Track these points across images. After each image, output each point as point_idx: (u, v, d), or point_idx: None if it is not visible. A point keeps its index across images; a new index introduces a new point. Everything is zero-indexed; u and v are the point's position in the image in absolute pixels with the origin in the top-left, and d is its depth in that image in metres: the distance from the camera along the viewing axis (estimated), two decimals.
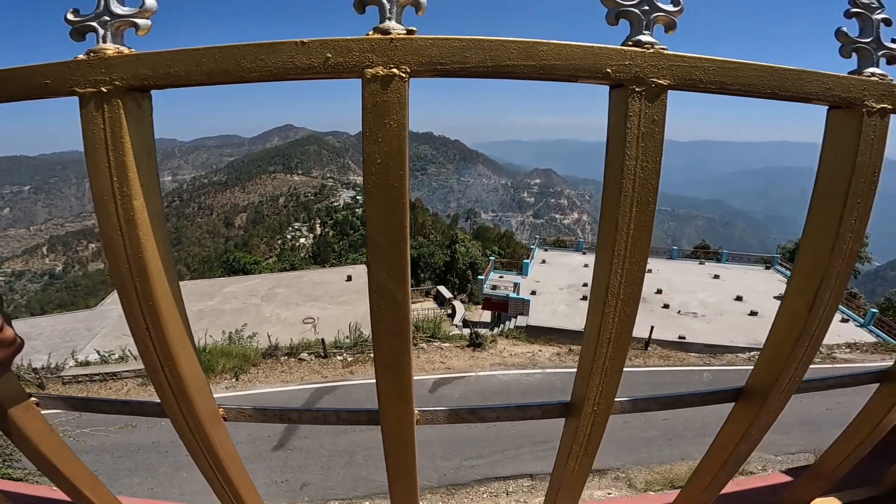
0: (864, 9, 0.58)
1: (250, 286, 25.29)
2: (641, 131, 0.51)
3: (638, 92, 0.51)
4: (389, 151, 0.49)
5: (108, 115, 0.48)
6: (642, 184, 0.53)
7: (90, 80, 0.47)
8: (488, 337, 16.58)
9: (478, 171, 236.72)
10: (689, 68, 0.51)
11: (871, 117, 0.58)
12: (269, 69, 0.46)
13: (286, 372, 14.85)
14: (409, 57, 0.46)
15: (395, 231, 0.52)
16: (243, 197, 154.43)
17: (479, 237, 60.81)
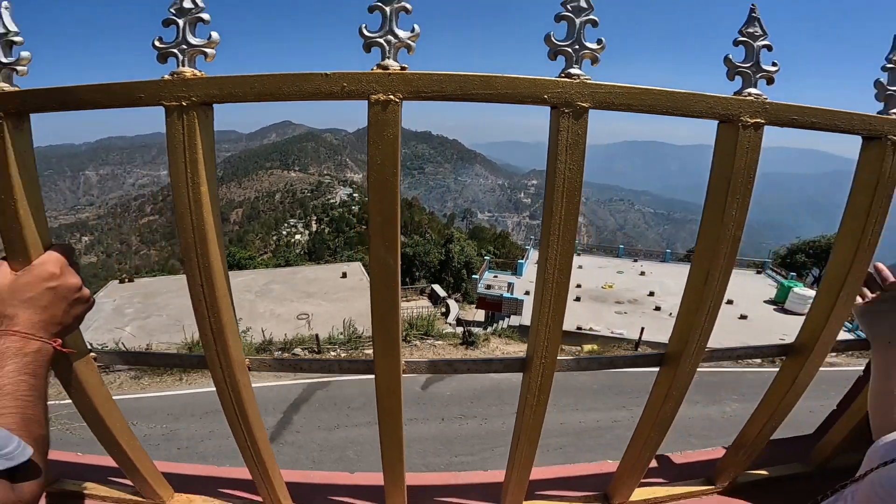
0: (748, 37, 0.73)
1: (244, 281, 25.35)
2: (569, 142, 0.69)
3: (566, 112, 0.67)
4: (386, 153, 0.66)
5: (186, 124, 0.65)
6: (569, 181, 0.71)
7: (174, 95, 0.64)
8: (481, 336, 16.76)
9: (475, 171, 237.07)
10: (604, 94, 0.69)
11: (746, 130, 0.74)
12: (302, 93, 0.63)
13: None
14: (402, 87, 0.64)
15: (389, 211, 0.70)
16: (239, 192, 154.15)
17: (475, 237, 61.06)
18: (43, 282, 0.71)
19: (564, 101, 0.67)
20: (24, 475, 0.61)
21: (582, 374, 14.11)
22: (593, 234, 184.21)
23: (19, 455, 0.58)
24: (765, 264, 29.36)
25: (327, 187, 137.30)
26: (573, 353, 16.46)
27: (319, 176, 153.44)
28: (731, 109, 0.72)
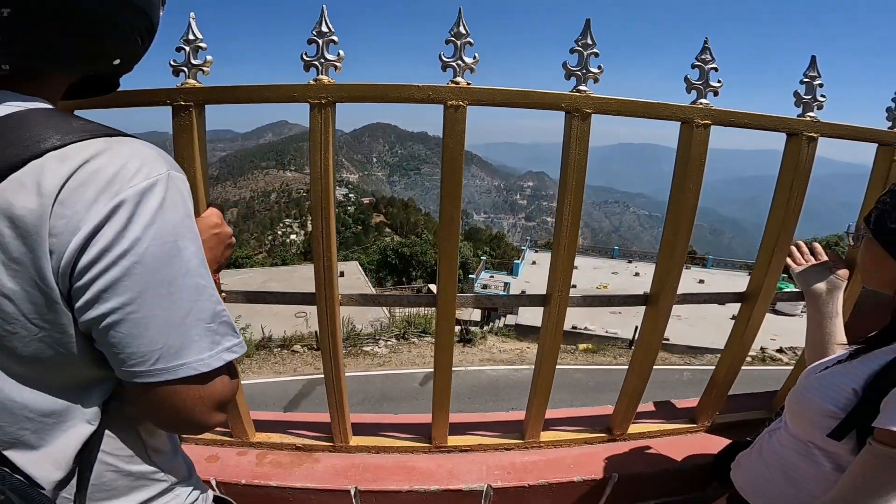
0: (702, 63, 1.04)
1: (242, 279, 25.47)
2: (577, 136, 1.01)
3: (576, 115, 0.99)
4: (456, 139, 0.97)
5: (323, 117, 0.95)
6: (577, 164, 1.02)
7: (317, 95, 0.92)
8: (478, 334, 16.88)
9: (472, 172, 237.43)
10: (602, 103, 1.00)
11: (698, 129, 1.04)
12: (405, 98, 0.92)
13: (279, 363, 14.85)
14: (468, 97, 0.94)
15: (455, 180, 1.00)
16: (234, 192, 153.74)
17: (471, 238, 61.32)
18: (210, 229, 0.86)
19: (575, 109, 0.99)
20: (234, 370, 0.69)
21: (577, 372, 14.33)
22: (589, 237, 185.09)
23: (238, 350, 0.66)
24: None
25: None
26: (569, 350, 16.72)
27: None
28: (688, 115, 1.04)
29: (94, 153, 0.54)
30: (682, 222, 1.11)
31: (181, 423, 0.64)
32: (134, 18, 0.61)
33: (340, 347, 1.21)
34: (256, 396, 12.87)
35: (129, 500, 0.68)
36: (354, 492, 1.22)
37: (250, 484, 1.21)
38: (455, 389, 5.04)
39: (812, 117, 1.10)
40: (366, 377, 14.75)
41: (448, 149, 0.98)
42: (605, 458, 1.38)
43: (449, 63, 0.95)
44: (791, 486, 0.93)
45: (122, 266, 0.54)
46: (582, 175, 1.02)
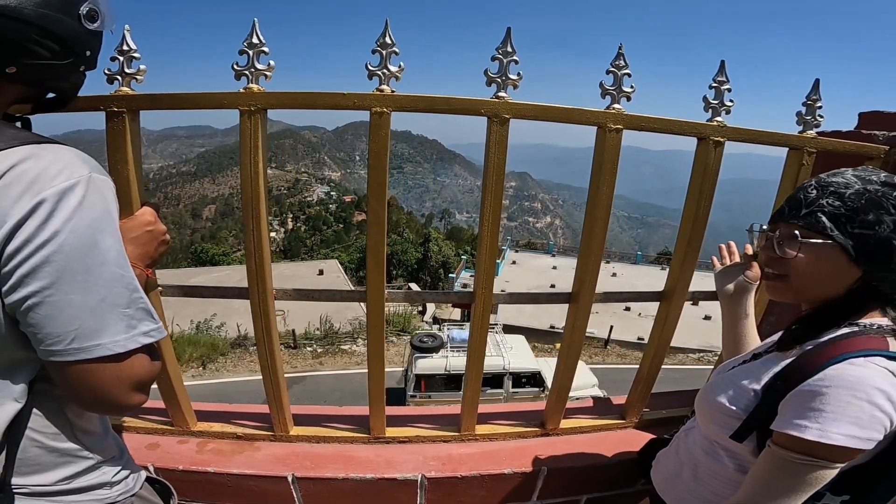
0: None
1: (219, 277, 25.17)
2: (496, 140, 1.07)
3: (495, 121, 1.05)
4: (380, 143, 1.03)
5: (252, 124, 1.01)
6: (496, 172, 1.09)
7: (247, 103, 0.97)
8: None
9: (454, 171, 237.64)
10: (520, 109, 1.06)
11: (610, 133, 1.13)
12: (330, 105, 0.99)
13: (255, 362, 14.72)
14: (391, 104, 1.00)
15: (380, 179, 1.07)
16: (213, 189, 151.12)
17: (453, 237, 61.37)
18: (143, 226, 0.91)
19: (494, 114, 1.06)
20: (155, 353, 0.76)
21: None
22: (570, 237, 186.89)
23: (156, 334, 0.73)
24: None
25: (304, 185, 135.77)
26: (546, 350, 16.92)
27: (297, 174, 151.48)
28: (601, 119, 1.12)
29: (21, 158, 0.62)
30: (596, 224, 1.19)
31: (100, 402, 0.70)
32: (23, 31, 0.65)
33: (276, 340, 1.26)
34: (231, 395, 12.81)
35: (54, 475, 0.74)
36: (292, 478, 1.27)
37: (188, 470, 1.25)
38: None
39: (719, 122, 1.18)
40: (343, 375, 14.78)
41: (373, 153, 1.04)
42: (536, 451, 1.43)
43: (374, 72, 1.01)
44: (698, 485, 0.94)
45: (42, 254, 0.61)
46: (501, 178, 1.09)
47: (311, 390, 13.68)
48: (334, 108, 1.00)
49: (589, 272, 1.26)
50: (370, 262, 1.16)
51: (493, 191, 1.11)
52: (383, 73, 1.00)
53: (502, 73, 1.05)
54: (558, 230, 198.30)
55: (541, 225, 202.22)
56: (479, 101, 1.04)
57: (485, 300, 1.23)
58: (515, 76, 1.06)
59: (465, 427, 1.46)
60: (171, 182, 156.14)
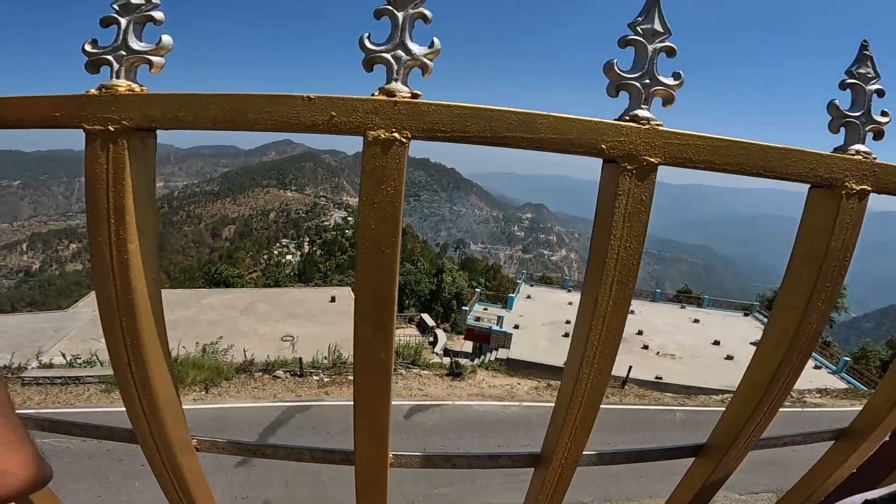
0: (859, 79, 0.58)
1: (230, 299, 24.87)
2: (628, 211, 0.52)
3: (629, 170, 0.52)
4: (383, 218, 0.50)
5: (113, 156, 0.48)
6: (624, 264, 0.54)
7: (99, 116, 0.47)
8: (468, 367, 16.49)
9: (471, 201, 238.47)
10: (680, 146, 0.53)
11: (850, 199, 0.59)
12: (274, 121, 0.47)
13: (259, 388, 14.62)
14: (411, 121, 0.48)
15: (384, 293, 0.53)
16: (234, 209, 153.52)
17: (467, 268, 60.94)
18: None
19: (627, 154, 0.50)
20: None
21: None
22: (582, 270, 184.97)
23: None
24: (752, 307, 29.73)
25: (322, 209, 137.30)
26: (556, 387, 16.18)
27: (315, 197, 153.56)
28: (836, 172, 0.56)
29: None
30: (793, 350, 0.63)
31: None
32: None
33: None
34: (232, 420, 12.44)
35: None
36: None
37: None
38: (441, 424, 4.55)
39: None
40: (349, 407, 14.25)
41: (368, 228, 0.53)
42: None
43: (378, 54, 0.48)
44: None
45: None
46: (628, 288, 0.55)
47: (315, 420, 13.22)
48: (290, 129, 0.47)
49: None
50: None
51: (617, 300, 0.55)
52: (396, 55, 0.47)
53: (646, 68, 0.52)
54: (573, 264, 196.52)
55: (556, 258, 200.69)
56: (597, 125, 0.50)
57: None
58: (672, 79, 0.52)
59: None
60: (194, 200, 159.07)
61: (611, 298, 0.56)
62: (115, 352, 0.59)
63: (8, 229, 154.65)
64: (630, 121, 0.52)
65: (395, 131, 0.48)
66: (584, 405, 0.68)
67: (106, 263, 0.52)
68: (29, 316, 22.86)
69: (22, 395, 12.11)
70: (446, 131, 0.48)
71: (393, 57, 0.48)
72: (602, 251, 0.54)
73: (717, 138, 0.53)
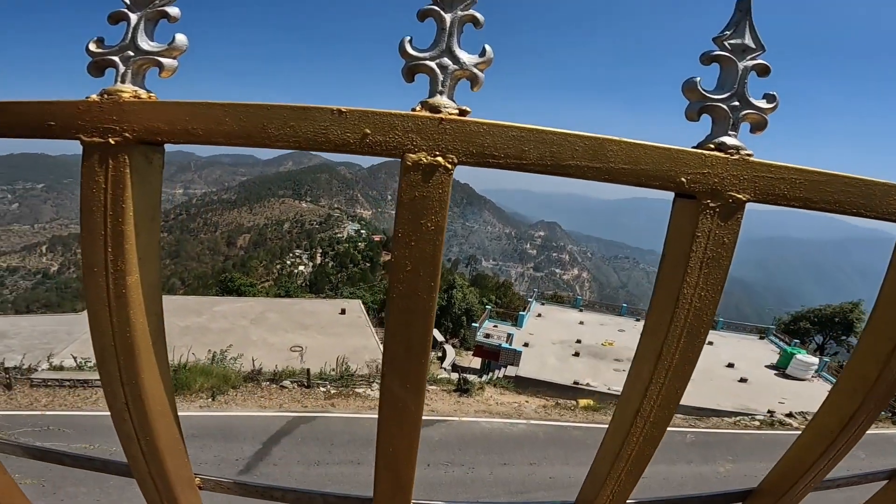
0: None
1: (241, 308, 25.01)
2: (708, 255, 0.43)
3: (712, 207, 0.44)
4: (422, 258, 0.41)
5: (112, 173, 0.41)
6: (696, 315, 0.45)
7: (99, 127, 0.40)
8: (476, 383, 16.32)
9: (483, 217, 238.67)
10: (774, 180, 0.45)
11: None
12: (298, 138, 0.40)
13: (265, 397, 14.65)
14: (459, 144, 0.40)
15: (418, 346, 0.44)
16: (249, 218, 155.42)
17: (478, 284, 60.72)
18: None
19: (711, 190, 0.42)
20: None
21: (575, 430, 13.74)
22: (595, 290, 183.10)
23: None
24: (768, 330, 29.25)
25: (336, 221, 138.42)
26: (568, 407, 15.94)
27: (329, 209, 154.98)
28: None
29: None
30: (866, 405, 0.54)
31: None
32: None
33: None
34: (237, 429, 12.39)
35: None
36: None
37: None
38: (446, 439, 4.41)
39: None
40: (355, 419, 14.19)
41: (402, 269, 0.43)
42: None
43: (422, 62, 0.41)
44: None
45: None
46: (699, 341, 0.46)
47: (320, 432, 13.14)
48: (315, 148, 0.40)
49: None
50: None
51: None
52: (442, 63, 0.40)
53: (734, 92, 0.44)
54: (585, 283, 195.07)
55: (568, 277, 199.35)
56: (678, 152, 0.42)
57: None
58: (765, 102, 0.44)
59: None
60: (211, 208, 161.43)
61: (677, 351, 0.48)
62: (110, 391, 0.51)
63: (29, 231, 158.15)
64: (715, 149, 0.44)
65: (438, 155, 0.40)
66: (632, 459, 0.59)
67: (102, 298, 0.45)
68: (43, 318, 23.16)
69: (29, 397, 12.15)
70: (499, 157, 0.40)
71: (438, 65, 0.41)
72: (671, 298, 0.46)
73: (816, 171, 0.45)
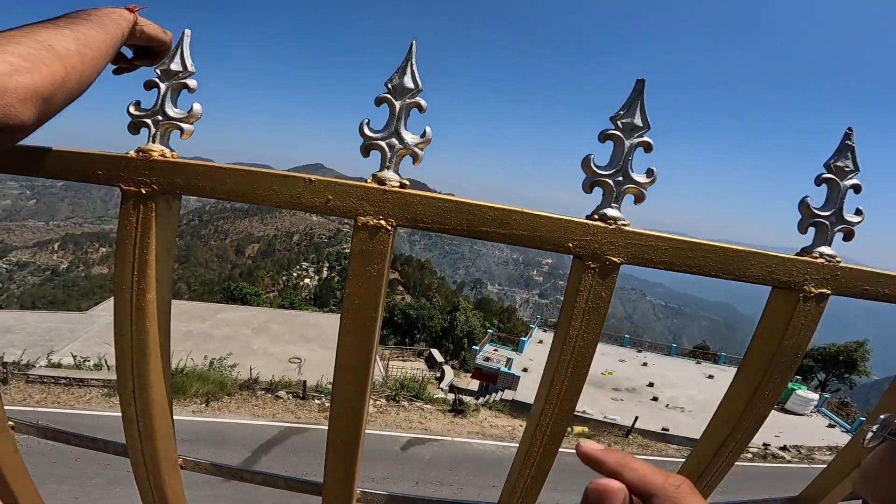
0: (836, 174, 0.57)
1: (244, 316, 25.11)
2: (588, 306, 0.57)
3: (592, 268, 0.57)
4: (366, 296, 0.56)
5: (142, 216, 0.56)
6: (579, 352, 0.59)
7: (134, 178, 0.56)
8: (471, 405, 16.22)
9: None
10: (643, 247, 0.57)
11: (808, 302, 0.60)
12: (279, 199, 0.55)
13: (259, 406, 14.59)
14: (397, 210, 0.54)
15: (362, 357, 0.59)
16: (260, 228, 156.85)
17: (482, 308, 60.48)
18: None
19: (592, 254, 0.55)
20: None
21: (568, 456, 13.51)
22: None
23: None
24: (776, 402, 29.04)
25: (345, 236, 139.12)
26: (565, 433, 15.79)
27: (339, 223, 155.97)
28: (795, 276, 0.58)
29: None
30: (735, 434, 0.66)
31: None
32: None
33: None
34: (229, 436, 12.37)
35: None
36: None
37: None
38: (437, 458, 4.44)
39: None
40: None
41: (352, 305, 0.59)
42: None
43: (375, 142, 0.55)
44: None
45: None
46: (581, 373, 0.62)
47: (312, 443, 13.09)
48: (291, 207, 0.55)
49: None
50: None
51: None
52: (390, 143, 0.54)
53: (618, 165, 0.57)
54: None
55: None
56: (567, 222, 0.55)
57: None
58: (645, 176, 0.57)
59: None
60: (223, 216, 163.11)
61: (566, 380, 0.61)
62: (123, 381, 0.66)
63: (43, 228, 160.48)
64: (598, 220, 0.57)
65: (382, 219, 0.54)
66: (536, 467, 0.72)
67: (126, 309, 0.60)
68: (48, 314, 23.39)
69: (23, 393, 12.10)
70: (427, 222, 0.54)
71: (387, 145, 0.55)
72: (562, 338, 0.59)
73: (679, 240, 0.57)
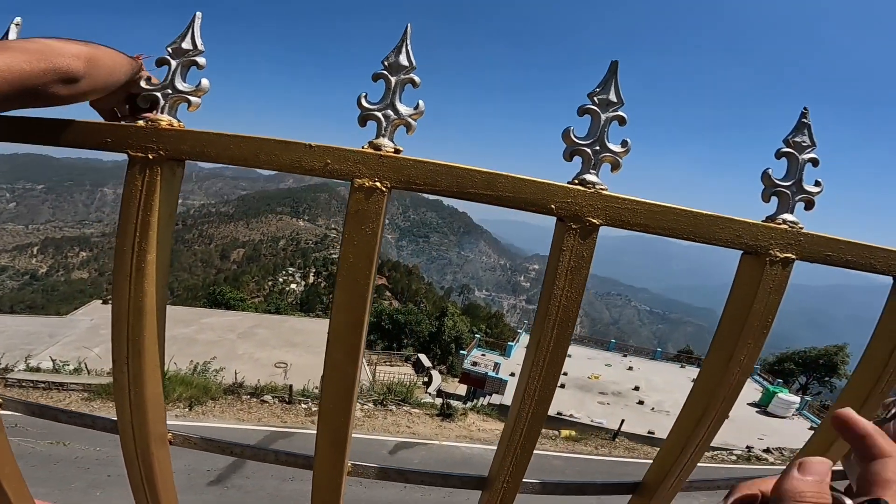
0: (794, 148, 0.63)
1: (230, 321, 24.84)
2: (570, 265, 0.62)
3: (574, 229, 0.62)
4: (361, 254, 0.60)
5: (147, 179, 0.60)
6: (564, 311, 0.64)
7: (142, 145, 0.60)
8: (459, 409, 16.21)
9: (479, 247, 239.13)
10: (620, 209, 0.62)
11: (774, 266, 0.65)
12: (280, 163, 0.59)
13: (244, 411, 14.36)
14: (392, 174, 0.59)
15: (356, 319, 0.62)
16: (245, 232, 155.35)
17: (469, 313, 60.56)
18: None
19: (573, 215, 0.60)
20: None
21: (556, 459, 13.63)
22: (587, 326, 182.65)
23: None
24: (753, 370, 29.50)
25: (332, 241, 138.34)
26: (550, 437, 15.87)
27: (326, 229, 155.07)
28: (761, 240, 0.63)
29: None
30: (715, 401, 0.72)
31: None
32: None
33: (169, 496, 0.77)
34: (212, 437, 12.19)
35: None
36: None
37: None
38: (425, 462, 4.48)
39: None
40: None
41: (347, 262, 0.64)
42: None
43: (371, 112, 0.59)
44: None
45: None
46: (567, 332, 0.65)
47: (298, 447, 12.78)
48: (292, 171, 0.59)
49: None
50: None
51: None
52: (385, 114, 0.58)
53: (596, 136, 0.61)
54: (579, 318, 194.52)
55: None
56: (549, 187, 0.60)
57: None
58: (619, 146, 0.62)
59: None
60: (208, 220, 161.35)
61: (552, 340, 0.65)
62: (117, 346, 0.68)
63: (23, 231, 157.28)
64: (578, 184, 0.62)
65: (377, 181, 0.59)
66: (525, 433, 0.75)
67: (126, 270, 0.63)
68: (27, 318, 22.91)
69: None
70: (420, 184, 0.59)
71: (383, 115, 0.60)
72: (547, 299, 0.63)
73: (653, 203, 0.63)
